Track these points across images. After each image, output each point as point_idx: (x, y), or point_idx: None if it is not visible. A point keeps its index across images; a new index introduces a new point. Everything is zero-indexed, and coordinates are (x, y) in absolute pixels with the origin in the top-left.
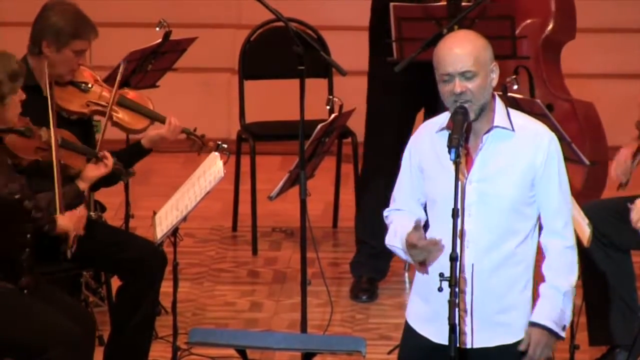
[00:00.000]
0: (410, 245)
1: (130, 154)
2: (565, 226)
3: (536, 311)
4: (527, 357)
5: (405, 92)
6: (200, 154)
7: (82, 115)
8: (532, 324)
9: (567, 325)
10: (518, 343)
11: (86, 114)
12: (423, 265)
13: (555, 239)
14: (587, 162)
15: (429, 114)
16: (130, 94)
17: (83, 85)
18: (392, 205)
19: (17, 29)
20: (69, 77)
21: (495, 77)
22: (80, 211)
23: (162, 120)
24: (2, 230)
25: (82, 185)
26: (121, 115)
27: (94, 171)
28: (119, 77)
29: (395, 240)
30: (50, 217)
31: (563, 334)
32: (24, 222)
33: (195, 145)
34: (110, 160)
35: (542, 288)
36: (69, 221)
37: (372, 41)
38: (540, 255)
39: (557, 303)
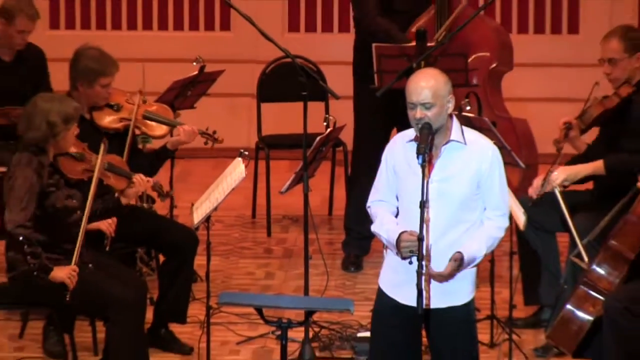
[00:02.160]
0: (403, 246)
1: (159, 154)
2: (501, 216)
3: (463, 248)
4: (441, 272)
5: (383, 111)
6: (213, 147)
7: (117, 130)
8: (458, 253)
9: (472, 266)
10: (465, 305)
11: (120, 128)
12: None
13: (491, 222)
14: (522, 165)
15: (402, 129)
16: (154, 107)
17: (115, 106)
18: (374, 197)
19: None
20: (103, 103)
21: (450, 106)
22: (114, 219)
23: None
24: (64, 228)
25: (124, 200)
26: (147, 125)
27: (132, 191)
28: (137, 101)
29: (381, 229)
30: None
31: (466, 268)
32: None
33: (210, 141)
34: (144, 182)
35: (465, 245)
36: (103, 225)
37: (356, 72)
38: None
39: (474, 254)
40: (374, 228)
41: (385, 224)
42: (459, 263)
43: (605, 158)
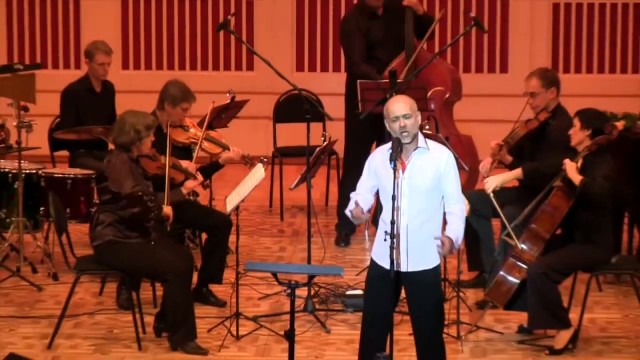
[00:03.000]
0: (355, 216)
1: (213, 167)
2: (458, 202)
3: (447, 233)
4: (443, 250)
5: (366, 130)
6: (249, 167)
7: (184, 144)
8: (446, 237)
9: (456, 249)
10: (433, 268)
11: (187, 143)
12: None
13: (455, 211)
14: (467, 168)
15: (380, 143)
16: (212, 133)
17: (185, 127)
18: (356, 191)
19: (144, 95)
20: (179, 122)
21: (419, 119)
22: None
23: (229, 148)
24: (144, 209)
25: (184, 191)
26: (207, 145)
27: (191, 183)
28: (206, 123)
29: (347, 212)
30: (159, 206)
31: (457, 249)
32: (145, 208)
33: (247, 162)
34: (200, 177)
35: (448, 230)
36: (169, 210)
37: (347, 101)
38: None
39: (458, 235)
40: (346, 211)
41: (350, 204)
42: (451, 243)
43: (522, 166)
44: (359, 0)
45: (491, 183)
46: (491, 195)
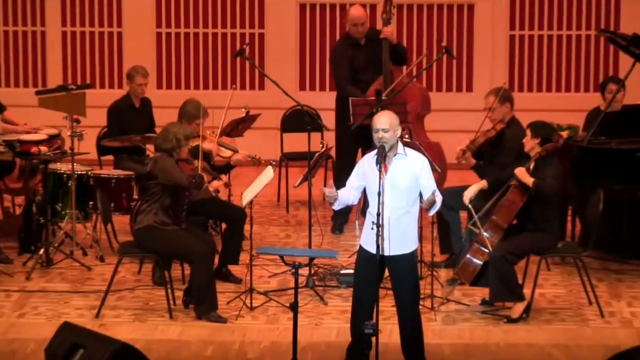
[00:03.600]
0: (327, 194)
1: (227, 166)
2: (436, 191)
3: (427, 195)
4: (429, 201)
5: (355, 139)
6: (258, 167)
7: (205, 150)
8: (432, 193)
9: (433, 212)
10: (411, 252)
11: (203, 150)
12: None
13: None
14: (438, 170)
15: (365, 149)
16: (225, 139)
17: (202, 137)
18: (345, 187)
19: (175, 110)
20: (196, 134)
21: (398, 132)
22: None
23: (237, 151)
24: (178, 202)
25: (211, 189)
26: (220, 150)
27: (216, 183)
28: (219, 131)
29: (322, 188)
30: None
31: (438, 205)
32: (187, 195)
33: (255, 163)
34: (225, 179)
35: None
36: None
37: (337, 115)
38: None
39: (438, 200)
40: (325, 191)
41: (337, 192)
42: (433, 197)
43: (487, 179)
44: (346, 33)
45: (467, 195)
46: (469, 205)
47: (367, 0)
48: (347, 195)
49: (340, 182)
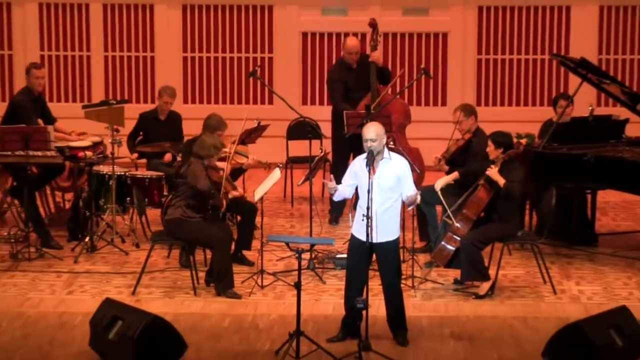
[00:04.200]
0: (330, 187)
1: (239, 170)
2: (415, 189)
3: (409, 194)
4: (409, 199)
5: (348, 145)
6: (268, 170)
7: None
8: (413, 192)
9: (413, 206)
10: (394, 240)
11: (222, 156)
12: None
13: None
14: (418, 171)
15: (356, 153)
16: (241, 147)
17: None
18: (341, 184)
19: (199, 121)
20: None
21: (384, 141)
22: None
23: (248, 156)
24: (202, 199)
25: (230, 196)
26: (235, 156)
27: (233, 193)
28: (237, 139)
29: (324, 180)
30: (217, 198)
31: (417, 201)
32: (209, 199)
33: (265, 166)
34: (241, 191)
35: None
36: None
37: (333, 125)
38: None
39: (417, 196)
40: (327, 184)
41: (336, 186)
42: (415, 195)
43: (458, 170)
44: (341, 58)
45: (439, 183)
46: (439, 191)
47: (359, 29)
48: (344, 190)
49: (336, 181)
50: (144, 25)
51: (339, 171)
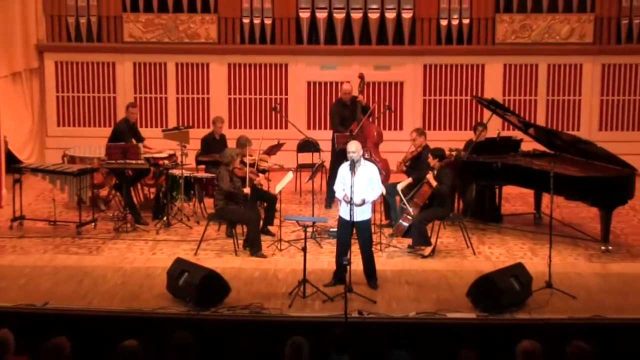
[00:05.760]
0: (342, 199)
1: (262, 171)
2: (378, 189)
3: (364, 196)
4: (359, 201)
5: (341, 156)
6: (283, 172)
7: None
8: (362, 199)
9: (367, 202)
10: (368, 219)
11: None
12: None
13: (376, 191)
14: (384, 173)
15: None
16: (263, 155)
17: (250, 155)
18: (335, 185)
19: (234, 141)
20: (244, 154)
21: (361, 153)
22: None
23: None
24: (234, 194)
25: (256, 182)
26: (254, 170)
27: (259, 179)
28: (258, 155)
29: (338, 192)
30: (242, 191)
31: (367, 202)
32: (233, 193)
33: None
34: (265, 176)
35: (367, 196)
36: (248, 190)
37: (332, 144)
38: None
39: (367, 198)
40: (337, 194)
41: (339, 191)
42: (363, 200)
43: (411, 177)
44: (338, 98)
45: (399, 186)
46: (400, 192)
47: (344, 79)
48: (340, 190)
49: (331, 181)
50: (203, 76)
51: (333, 175)
